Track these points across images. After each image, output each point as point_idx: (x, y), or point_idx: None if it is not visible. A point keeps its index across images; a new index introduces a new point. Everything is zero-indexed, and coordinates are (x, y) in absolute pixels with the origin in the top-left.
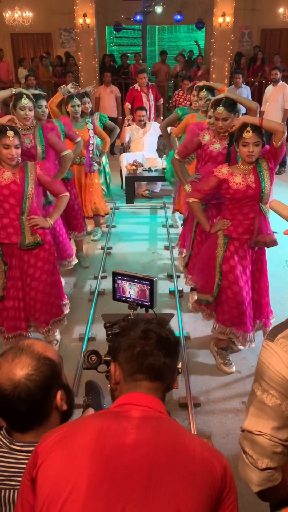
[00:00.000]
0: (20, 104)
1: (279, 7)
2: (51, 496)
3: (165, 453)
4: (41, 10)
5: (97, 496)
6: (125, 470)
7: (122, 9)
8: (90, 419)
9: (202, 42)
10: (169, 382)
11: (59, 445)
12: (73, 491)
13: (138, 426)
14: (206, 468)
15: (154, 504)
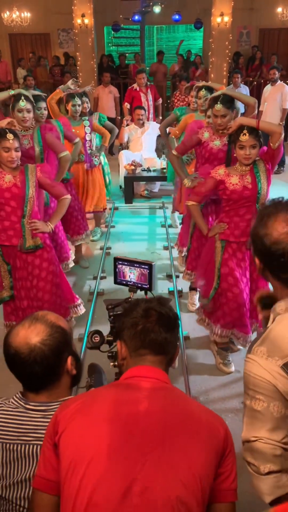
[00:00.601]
0: (18, 107)
1: (277, 7)
2: (75, 462)
3: (176, 419)
4: (39, 10)
5: (118, 458)
6: (141, 434)
7: (120, 9)
8: (105, 390)
9: (201, 41)
10: (172, 355)
11: (79, 414)
12: (95, 455)
13: (149, 396)
14: (212, 432)
15: (168, 462)
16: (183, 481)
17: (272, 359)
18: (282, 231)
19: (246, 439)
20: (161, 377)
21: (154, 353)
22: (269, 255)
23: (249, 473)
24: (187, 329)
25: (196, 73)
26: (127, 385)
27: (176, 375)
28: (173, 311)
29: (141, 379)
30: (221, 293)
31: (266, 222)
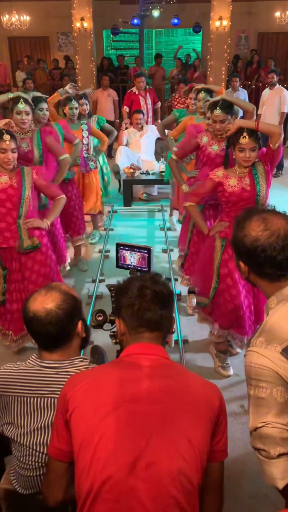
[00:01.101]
0: (17, 109)
1: (275, 11)
2: (86, 440)
3: (175, 397)
4: (38, 14)
5: (124, 437)
6: (144, 414)
7: (119, 13)
8: (109, 370)
9: (199, 45)
10: (168, 329)
11: (87, 396)
12: (103, 435)
13: (150, 375)
14: (208, 404)
15: (170, 439)
16: (183, 455)
17: (271, 347)
18: (258, 229)
19: (253, 427)
20: (159, 353)
21: (151, 330)
22: (251, 254)
23: (260, 462)
24: (186, 333)
25: (194, 75)
26: (128, 364)
27: None
28: (167, 287)
29: (140, 356)
30: (218, 293)
31: (243, 226)
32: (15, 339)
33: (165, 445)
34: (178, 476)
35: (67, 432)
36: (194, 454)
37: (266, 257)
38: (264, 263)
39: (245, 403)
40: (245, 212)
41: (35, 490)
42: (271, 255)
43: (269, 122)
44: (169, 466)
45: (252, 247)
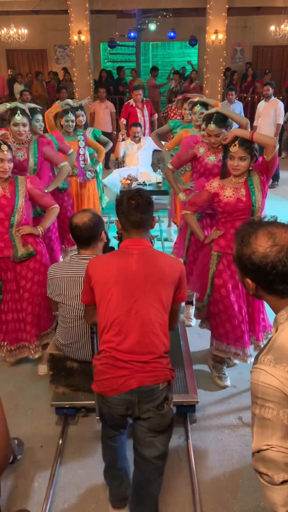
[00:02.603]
0: (14, 121)
1: (270, 25)
2: (102, 299)
3: (152, 272)
4: (36, 27)
5: (123, 297)
6: (133, 284)
7: (116, 26)
8: (113, 257)
9: (195, 58)
10: (149, 225)
11: (100, 273)
12: (111, 297)
13: (137, 259)
14: (173, 276)
15: (149, 296)
16: (156, 307)
17: (280, 366)
18: (266, 245)
19: (257, 449)
20: (144, 244)
21: (136, 228)
22: (260, 271)
23: (261, 487)
24: None
25: (190, 86)
26: (124, 253)
27: None
28: (147, 198)
29: (132, 248)
30: (213, 302)
31: (249, 241)
32: (11, 350)
33: (145, 302)
34: (154, 317)
35: (91, 292)
36: (162, 306)
37: (277, 273)
38: (275, 279)
39: (243, 415)
40: (248, 226)
41: (71, 340)
42: (282, 271)
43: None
44: (148, 314)
45: (261, 264)
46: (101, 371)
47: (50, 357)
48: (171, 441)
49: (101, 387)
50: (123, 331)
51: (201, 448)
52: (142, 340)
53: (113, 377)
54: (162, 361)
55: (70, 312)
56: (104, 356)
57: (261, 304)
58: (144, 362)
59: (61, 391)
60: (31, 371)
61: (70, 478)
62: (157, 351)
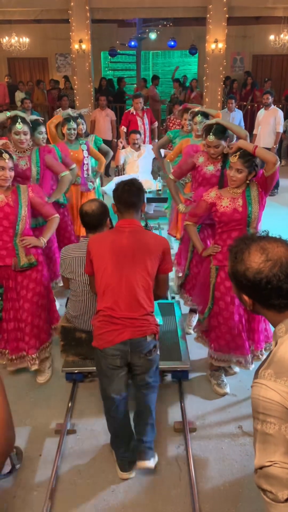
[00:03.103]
0: (15, 129)
1: (270, 35)
2: (99, 269)
3: (140, 247)
4: (37, 36)
5: (115, 266)
6: (123, 257)
7: (117, 35)
8: (109, 235)
9: (196, 66)
10: (138, 208)
11: (97, 248)
12: (105, 268)
13: (128, 236)
14: (158, 249)
15: (136, 266)
16: (142, 275)
17: (281, 380)
18: (260, 260)
19: (260, 465)
20: (134, 223)
21: (127, 209)
22: (255, 287)
23: (265, 504)
24: None
25: (191, 96)
26: (118, 230)
27: (171, 398)
28: (138, 186)
29: (124, 227)
30: (213, 315)
31: (242, 258)
32: (12, 359)
33: (133, 271)
34: (140, 283)
35: (91, 264)
36: (148, 274)
37: (272, 288)
38: (270, 294)
39: (243, 424)
40: (240, 242)
41: (80, 312)
42: (277, 286)
43: (265, 142)
44: (136, 281)
45: (256, 280)
46: (99, 327)
47: (62, 329)
48: (170, 451)
49: (99, 341)
50: (115, 295)
51: (201, 457)
52: (131, 301)
53: (109, 331)
54: (148, 318)
55: (79, 287)
56: (101, 315)
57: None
58: (134, 319)
59: (71, 359)
60: (31, 379)
61: (69, 488)
62: (143, 310)
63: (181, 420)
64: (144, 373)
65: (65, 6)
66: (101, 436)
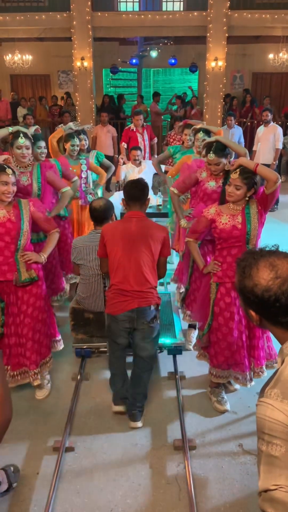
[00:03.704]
0: (17, 144)
1: (269, 53)
2: (111, 250)
3: (145, 234)
4: (40, 53)
5: (124, 249)
6: (132, 239)
7: (118, 53)
8: (120, 223)
9: (196, 84)
10: (143, 202)
11: (110, 235)
12: (118, 249)
13: (135, 223)
14: (159, 235)
15: (142, 248)
16: (147, 255)
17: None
18: (269, 277)
19: (264, 488)
20: (140, 214)
21: (134, 202)
22: (263, 304)
23: None
24: (183, 368)
25: (191, 112)
26: (126, 219)
27: (171, 416)
28: (144, 182)
29: (131, 216)
30: (212, 331)
31: (250, 274)
32: (13, 375)
33: (139, 251)
34: (146, 262)
35: (104, 248)
36: (151, 254)
37: (281, 306)
38: (278, 312)
39: (244, 442)
40: (249, 257)
41: (89, 293)
42: (285, 303)
43: (264, 158)
44: (142, 259)
45: (264, 298)
46: (111, 297)
47: (72, 309)
48: (169, 470)
49: (112, 309)
50: (125, 272)
51: (201, 476)
52: (138, 277)
53: (120, 301)
54: (152, 291)
55: (88, 271)
56: (113, 289)
57: (262, 332)
58: (141, 291)
59: (79, 337)
60: (30, 395)
61: (66, 507)
62: (148, 284)
63: (181, 437)
64: (144, 339)
65: (68, 25)
66: (99, 455)
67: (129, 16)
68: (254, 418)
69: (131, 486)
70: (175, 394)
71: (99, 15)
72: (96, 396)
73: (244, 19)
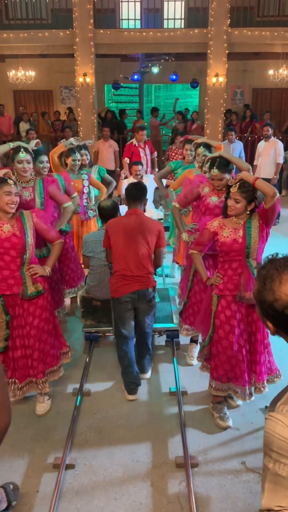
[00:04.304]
0: (18, 158)
1: (269, 69)
2: (114, 242)
3: (142, 226)
4: (43, 69)
5: (125, 241)
6: (132, 232)
7: (120, 69)
8: (122, 219)
9: (197, 100)
10: (142, 201)
11: (112, 229)
12: (119, 240)
13: (135, 219)
14: (155, 229)
15: (141, 240)
16: (145, 246)
17: None
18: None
19: (267, 508)
20: (139, 211)
21: (133, 201)
22: (282, 318)
23: None
24: (184, 384)
25: (192, 127)
26: (127, 215)
27: (173, 433)
28: (143, 185)
29: (131, 213)
30: (213, 343)
31: (272, 287)
32: (20, 387)
33: (138, 243)
34: (143, 251)
35: (109, 240)
36: (148, 246)
37: None
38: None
39: (246, 459)
40: (271, 267)
41: (97, 282)
42: None
43: (265, 172)
44: (141, 250)
45: (284, 313)
46: (115, 282)
47: (82, 298)
48: (171, 488)
49: (116, 292)
50: (126, 260)
51: (203, 495)
52: (137, 264)
53: (122, 285)
54: (150, 277)
55: (97, 262)
56: (116, 275)
57: (263, 346)
58: (140, 276)
59: (88, 323)
60: (29, 410)
61: None
62: (146, 270)
63: (183, 454)
64: (145, 315)
65: (70, 42)
66: (100, 472)
67: (131, 33)
68: (258, 435)
69: (132, 505)
70: (176, 410)
71: (101, 32)
72: (96, 411)
73: (244, 36)
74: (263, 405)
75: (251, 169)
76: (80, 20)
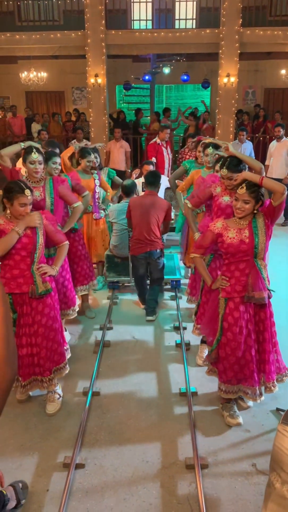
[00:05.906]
0: (30, 159)
1: (281, 69)
2: (133, 215)
3: (154, 203)
4: (55, 70)
5: (140, 214)
6: (146, 208)
7: (131, 70)
8: (140, 198)
9: (208, 100)
10: (156, 185)
11: (133, 205)
12: (137, 213)
13: (149, 199)
14: (164, 206)
15: (152, 214)
16: (155, 218)
17: None
18: None
19: None
20: (153, 193)
21: (149, 185)
22: None
23: None
24: (195, 385)
25: (203, 127)
26: (144, 196)
27: (182, 434)
28: (157, 172)
29: (146, 194)
30: (221, 346)
31: None
32: (24, 385)
33: (150, 216)
34: (153, 222)
35: (130, 213)
36: (157, 218)
37: None
38: None
39: (257, 462)
40: None
41: (119, 242)
42: None
43: (277, 173)
44: (152, 220)
45: None
46: (133, 244)
47: (106, 256)
48: (181, 489)
49: (134, 252)
50: (141, 228)
51: (213, 497)
52: (148, 231)
53: (138, 247)
54: (158, 241)
55: (119, 227)
56: (133, 239)
57: (272, 345)
58: (151, 240)
59: (111, 275)
60: (39, 409)
61: None
62: (154, 236)
63: (192, 455)
64: (155, 270)
65: (82, 43)
66: (110, 472)
67: (142, 34)
68: (268, 437)
69: (142, 505)
70: (186, 410)
71: (112, 33)
72: (106, 411)
73: (256, 36)
74: (274, 406)
75: (263, 169)
76: (91, 21)
